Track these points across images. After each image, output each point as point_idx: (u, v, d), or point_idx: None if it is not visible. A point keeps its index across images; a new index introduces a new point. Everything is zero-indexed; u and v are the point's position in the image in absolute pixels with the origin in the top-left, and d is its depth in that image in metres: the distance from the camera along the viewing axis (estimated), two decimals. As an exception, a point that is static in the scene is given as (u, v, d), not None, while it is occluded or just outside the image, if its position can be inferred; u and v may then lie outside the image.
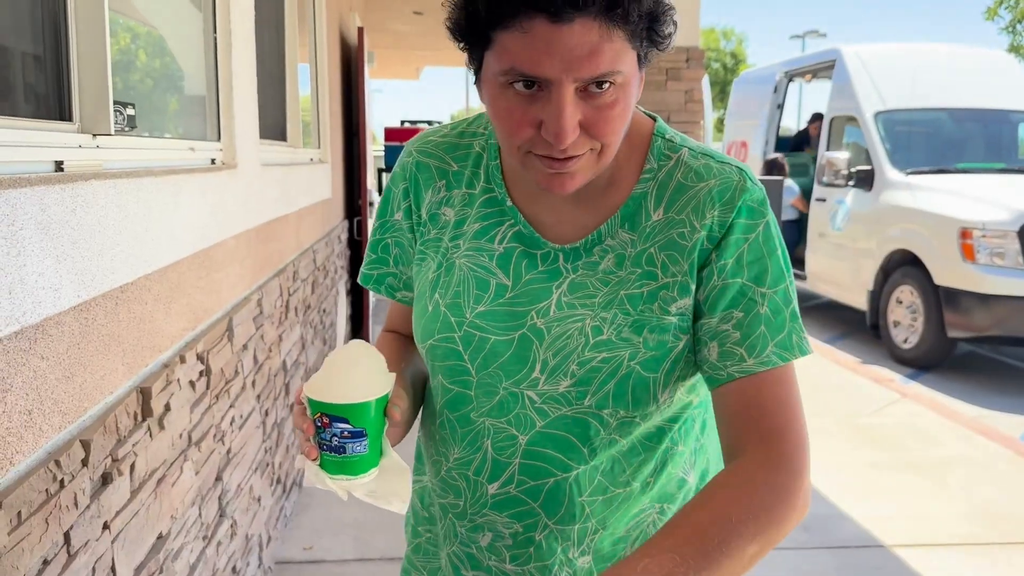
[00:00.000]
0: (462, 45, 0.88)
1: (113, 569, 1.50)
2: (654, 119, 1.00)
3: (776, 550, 3.20)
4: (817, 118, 9.14)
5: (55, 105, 1.49)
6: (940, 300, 5.79)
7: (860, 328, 7.15)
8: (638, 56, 0.84)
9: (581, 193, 0.94)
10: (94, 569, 1.42)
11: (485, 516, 1.02)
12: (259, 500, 2.76)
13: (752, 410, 0.89)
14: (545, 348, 0.94)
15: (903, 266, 6.27)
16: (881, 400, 5.21)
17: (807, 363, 6.04)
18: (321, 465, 0.91)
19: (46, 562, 1.26)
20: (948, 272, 5.76)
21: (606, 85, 0.82)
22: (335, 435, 0.89)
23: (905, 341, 6.20)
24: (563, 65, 0.79)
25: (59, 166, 1.39)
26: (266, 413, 2.89)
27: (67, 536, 1.32)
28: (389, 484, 0.94)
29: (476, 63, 0.88)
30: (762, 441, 0.88)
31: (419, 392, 1.12)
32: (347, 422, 0.88)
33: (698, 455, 1.06)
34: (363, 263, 1.13)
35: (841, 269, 7.13)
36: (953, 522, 3.48)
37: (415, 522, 1.18)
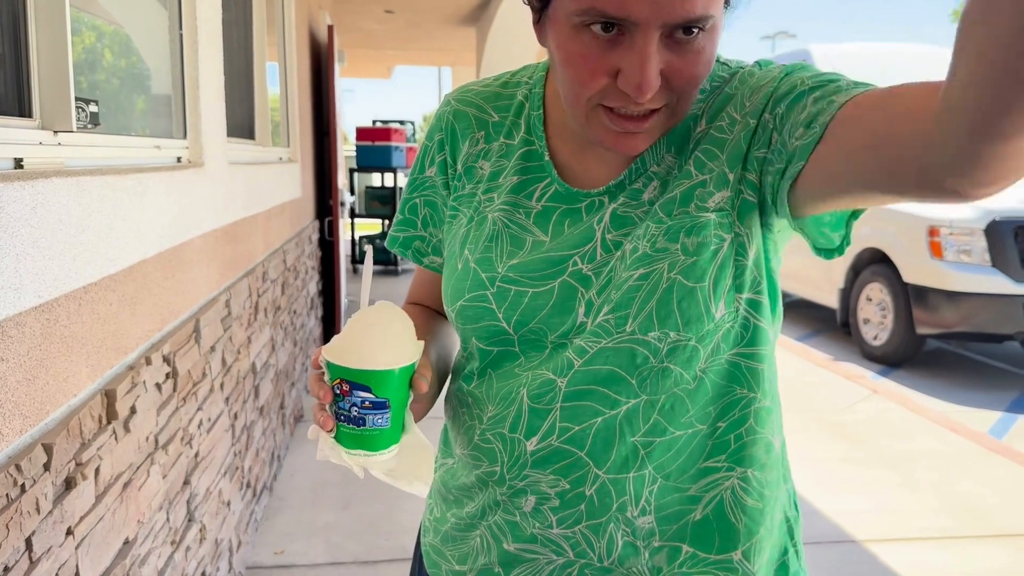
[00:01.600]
0: None
1: (77, 575, 1.47)
2: None
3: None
4: None
5: (14, 101, 1.45)
6: (909, 297, 5.87)
7: (831, 326, 7.22)
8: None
9: None
10: (58, 575, 1.39)
11: (527, 478, 0.90)
12: (228, 504, 2.72)
13: (877, 111, 0.73)
14: (593, 291, 0.86)
15: (873, 264, 6.34)
16: (852, 396, 5.27)
17: (780, 360, 6.09)
18: (337, 437, 0.83)
19: (7, 569, 1.22)
20: (916, 270, 5.83)
21: (695, 31, 0.74)
22: (355, 405, 0.80)
23: (875, 338, 6.27)
24: (654, 7, 0.71)
25: (18, 163, 1.35)
26: (235, 416, 2.85)
27: (28, 542, 1.29)
28: (411, 463, 0.85)
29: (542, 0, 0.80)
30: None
31: (444, 369, 1.02)
32: (369, 391, 0.80)
33: (768, 415, 0.91)
34: (392, 224, 1.06)
35: (812, 267, 7.20)
36: (924, 516, 3.51)
37: (441, 510, 1.04)
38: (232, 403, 2.79)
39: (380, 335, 0.81)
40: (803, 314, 8.02)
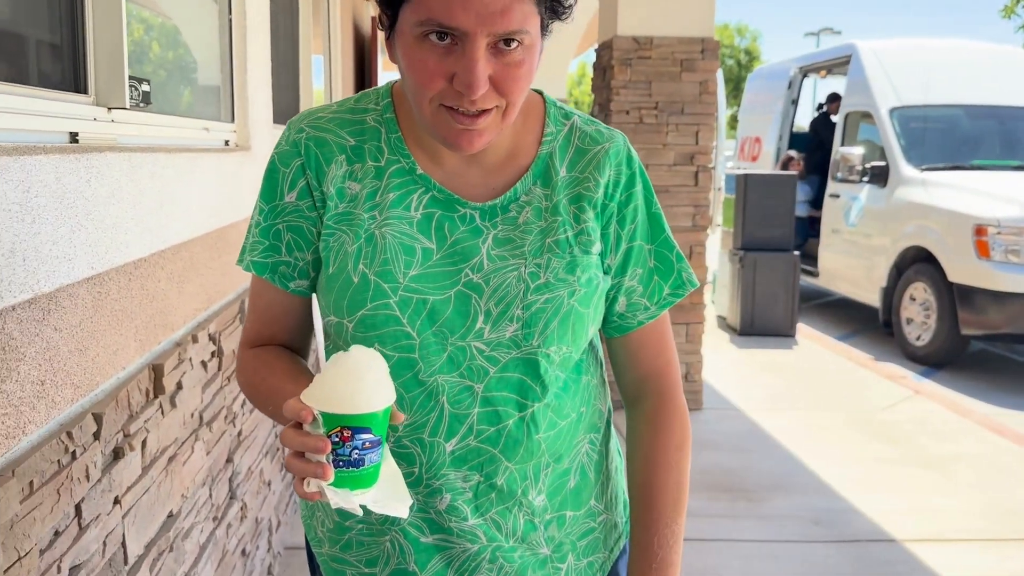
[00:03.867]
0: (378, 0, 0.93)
1: (124, 544, 1.50)
2: (540, 92, 1.08)
3: (787, 542, 3.19)
4: (835, 98, 8.90)
5: (71, 77, 1.48)
6: (954, 297, 5.75)
7: (873, 325, 7.10)
8: (542, 22, 0.90)
9: (487, 159, 1.01)
10: (105, 543, 1.42)
11: (443, 477, 1.01)
12: (269, 484, 2.76)
13: (649, 349, 1.11)
14: (486, 299, 0.98)
15: (917, 263, 6.23)
16: (893, 397, 5.18)
17: (821, 359, 6.04)
18: (335, 483, 0.83)
19: (57, 533, 1.26)
20: (962, 269, 5.72)
21: (514, 44, 0.88)
22: (356, 448, 0.82)
23: (918, 338, 6.16)
24: (478, 19, 0.85)
25: (74, 137, 1.38)
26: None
27: (78, 508, 1.32)
28: (391, 488, 0.88)
29: (391, 18, 0.92)
30: (660, 376, 1.11)
31: None
32: (370, 431, 0.82)
33: (601, 389, 1.15)
34: (246, 251, 1.06)
35: (854, 266, 7.09)
36: (964, 517, 3.45)
37: (337, 521, 1.09)
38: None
39: (371, 377, 0.83)
40: (844, 313, 7.91)
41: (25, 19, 1.40)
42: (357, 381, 0.82)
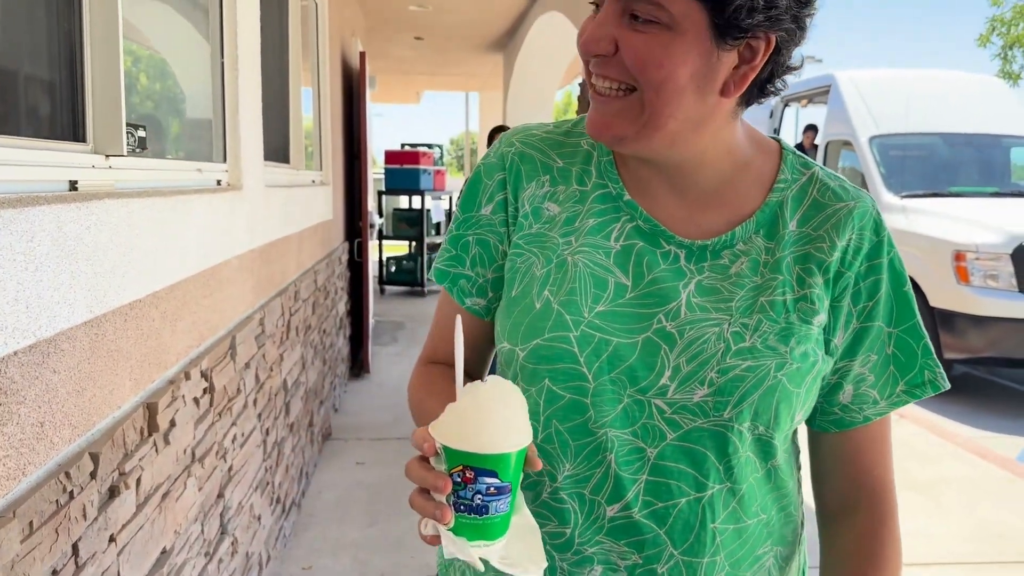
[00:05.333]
0: None
1: (119, 581, 1.53)
2: (778, 139, 0.99)
3: (773, 569, 3.22)
4: (810, 128, 9.28)
5: (70, 126, 1.53)
6: (936, 322, 5.83)
7: (857, 350, 7.17)
8: (713, 23, 0.79)
9: (693, 189, 0.91)
10: (101, 581, 1.44)
11: (598, 544, 0.89)
12: (259, 519, 2.78)
13: (871, 453, 0.95)
14: (677, 353, 0.86)
15: (899, 288, 6.31)
16: (878, 421, 5.23)
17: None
18: (455, 529, 0.74)
19: (55, 572, 1.28)
20: (943, 294, 5.81)
21: (641, 19, 0.80)
22: (479, 492, 0.72)
23: (902, 363, 6.23)
24: None
25: (73, 185, 1.43)
26: (267, 432, 2.91)
27: (75, 547, 1.35)
28: (522, 545, 0.78)
29: None
30: (880, 489, 0.95)
31: None
32: (495, 475, 0.72)
33: (798, 495, 0.99)
34: (438, 258, 1.02)
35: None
36: (951, 541, 3.49)
37: (473, 572, 0.97)
38: (264, 419, 2.85)
39: (503, 414, 0.74)
40: (829, 338, 7.98)
41: (27, 71, 1.45)
42: (486, 417, 0.73)
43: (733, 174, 0.92)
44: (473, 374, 1.02)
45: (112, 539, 1.50)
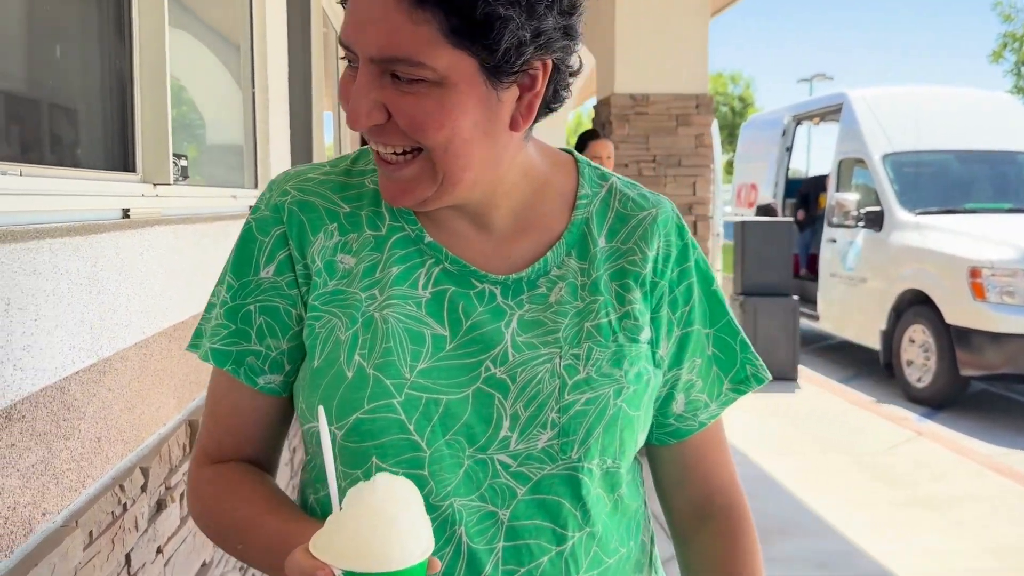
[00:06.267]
0: None
1: (166, 591, 1.59)
2: (570, 152, 0.94)
3: (793, 584, 3.25)
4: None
5: (120, 158, 1.62)
6: (952, 339, 5.85)
7: (874, 368, 7.19)
8: (482, 67, 0.73)
9: (498, 223, 0.85)
10: (150, 590, 1.51)
11: None
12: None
13: (713, 457, 0.93)
14: (512, 400, 0.79)
15: (915, 305, 6.34)
16: (896, 438, 5.25)
17: (822, 401, 6.11)
18: None
19: (111, 580, 1.35)
20: (959, 311, 5.83)
21: (407, 79, 0.73)
22: None
23: (919, 380, 6.25)
24: (355, 30, 0.73)
25: (126, 213, 1.51)
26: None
27: (128, 557, 1.42)
28: None
29: None
30: (730, 490, 0.94)
31: None
32: None
33: (646, 516, 0.94)
34: (204, 336, 0.87)
35: (854, 309, 7.20)
36: (966, 557, 3.51)
37: None
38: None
39: (408, 518, 0.65)
40: (846, 356, 8.00)
41: (83, 110, 1.54)
42: (390, 525, 0.64)
43: (533, 197, 0.86)
44: (271, 461, 0.92)
45: (159, 550, 1.57)
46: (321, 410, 0.70)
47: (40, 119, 1.39)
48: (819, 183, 9.45)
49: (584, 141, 4.08)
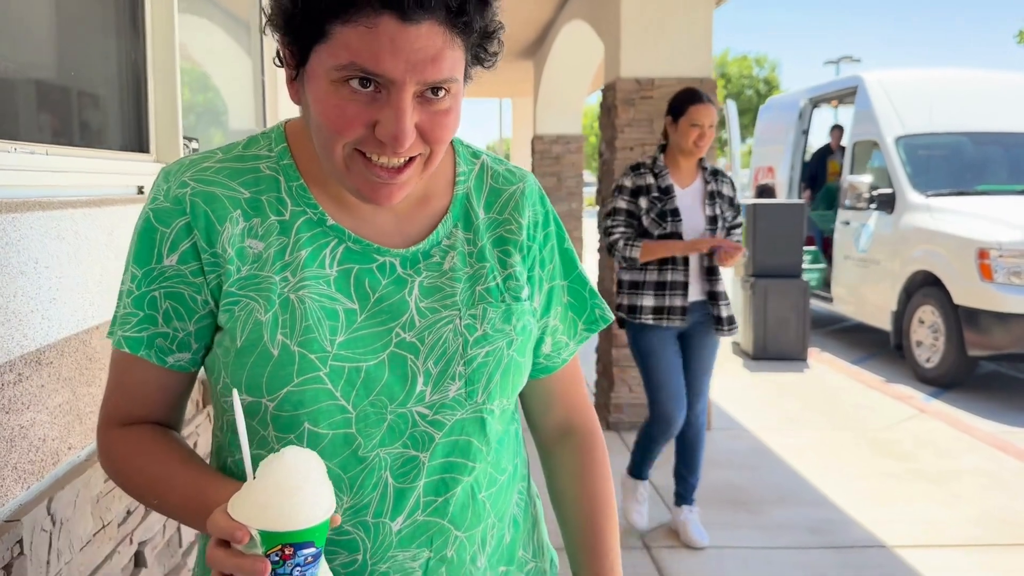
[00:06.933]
0: (284, 36, 0.84)
1: (179, 530, 1.77)
2: None
3: (781, 549, 3.38)
4: (836, 128, 9.45)
5: (135, 140, 1.79)
6: (960, 319, 5.92)
7: (886, 349, 7.26)
8: (466, 68, 0.86)
9: (399, 204, 0.93)
10: (165, 526, 1.69)
11: (390, 560, 0.92)
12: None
13: (571, 385, 1.10)
14: (423, 359, 0.91)
15: (925, 287, 6.40)
16: (900, 416, 5.35)
17: (831, 382, 6.21)
18: None
19: (129, 512, 1.52)
20: (967, 292, 5.89)
21: (442, 92, 0.83)
22: (298, 565, 0.74)
23: (928, 360, 6.32)
24: (407, 66, 0.79)
25: (140, 190, 1.68)
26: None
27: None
28: None
29: (298, 57, 0.84)
30: (583, 410, 1.11)
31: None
32: (312, 545, 0.74)
33: (521, 435, 1.11)
34: (116, 323, 0.93)
35: (866, 291, 7.27)
36: (959, 526, 3.62)
37: None
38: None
39: (312, 483, 0.75)
40: (859, 337, 8.07)
41: (100, 95, 1.71)
42: (297, 491, 0.73)
43: (425, 179, 0.93)
44: (177, 420, 0.99)
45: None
46: (235, 393, 0.78)
47: (63, 105, 1.56)
48: (822, 154, 9.52)
49: (683, 104, 3.20)
